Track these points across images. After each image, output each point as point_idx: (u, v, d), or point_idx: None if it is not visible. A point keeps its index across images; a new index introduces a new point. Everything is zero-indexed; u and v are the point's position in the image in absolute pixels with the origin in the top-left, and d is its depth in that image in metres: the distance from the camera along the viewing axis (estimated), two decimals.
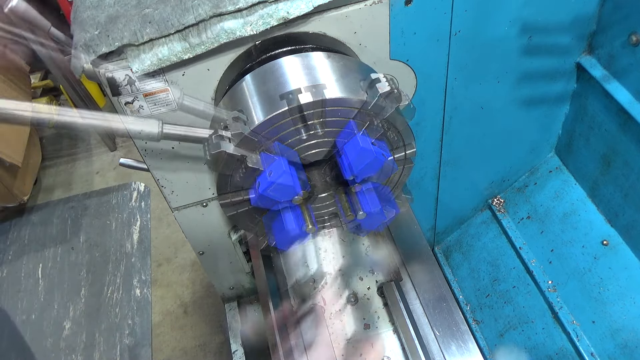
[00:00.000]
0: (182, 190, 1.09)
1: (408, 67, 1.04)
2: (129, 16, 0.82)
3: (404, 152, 0.85)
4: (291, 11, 0.82)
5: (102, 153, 3.27)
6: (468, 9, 0.99)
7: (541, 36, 1.13)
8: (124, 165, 1.15)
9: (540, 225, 1.47)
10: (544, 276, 1.40)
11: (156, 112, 0.93)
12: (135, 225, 1.59)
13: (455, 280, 1.66)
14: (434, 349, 0.98)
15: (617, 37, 1.15)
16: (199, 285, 2.50)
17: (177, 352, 2.27)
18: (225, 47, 0.85)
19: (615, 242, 1.32)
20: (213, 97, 0.94)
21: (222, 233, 1.25)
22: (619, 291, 1.26)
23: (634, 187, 1.24)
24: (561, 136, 1.45)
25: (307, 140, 0.79)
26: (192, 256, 2.54)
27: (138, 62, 0.83)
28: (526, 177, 1.55)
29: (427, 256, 1.11)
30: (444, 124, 1.24)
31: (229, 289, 1.46)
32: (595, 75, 1.21)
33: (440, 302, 1.03)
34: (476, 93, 1.19)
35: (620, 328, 1.23)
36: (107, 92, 0.89)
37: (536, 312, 1.40)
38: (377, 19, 0.92)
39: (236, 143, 0.74)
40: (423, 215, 1.56)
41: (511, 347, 1.44)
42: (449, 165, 1.38)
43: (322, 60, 0.81)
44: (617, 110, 1.20)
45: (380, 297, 1.21)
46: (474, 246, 1.63)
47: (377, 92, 0.73)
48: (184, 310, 2.41)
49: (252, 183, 0.78)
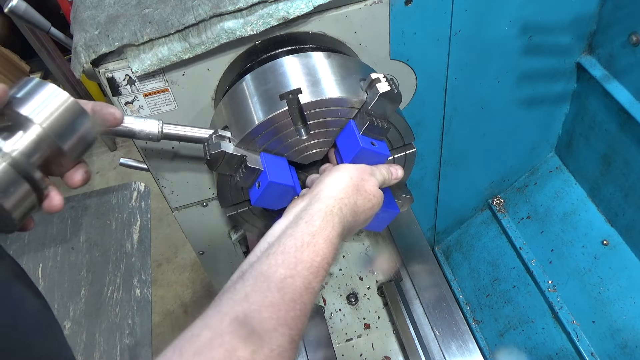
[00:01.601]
0: (182, 190, 1.09)
1: (408, 67, 1.04)
2: (129, 16, 0.82)
3: (404, 153, 0.85)
4: (291, 11, 0.82)
5: (102, 153, 3.27)
6: (468, 9, 0.99)
7: (541, 36, 1.13)
8: (124, 165, 1.15)
9: (540, 225, 1.47)
10: (544, 276, 1.40)
11: (156, 112, 0.93)
12: (135, 225, 1.59)
13: (455, 280, 1.66)
14: (434, 349, 0.98)
15: (617, 37, 1.15)
16: (199, 285, 2.50)
17: None
18: (225, 47, 0.85)
19: (615, 242, 1.32)
20: (213, 97, 0.94)
21: (222, 233, 1.25)
22: (619, 291, 1.26)
23: (634, 187, 1.24)
24: (561, 136, 1.45)
25: (307, 140, 0.79)
26: (192, 256, 2.54)
27: (138, 62, 0.83)
28: (526, 177, 1.55)
29: (427, 256, 1.11)
30: (444, 124, 1.24)
31: None
32: (595, 75, 1.21)
33: (440, 302, 1.03)
34: (476, 93, 1.19)
35: (620, 328, 1.23)
36: (107, 92, 0.89)
37: (536, 312, 1.40)
38: (377, 19, 0.92)
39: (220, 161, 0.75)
40: (423, 215, 1.56)
41: (511, 347, 1.44)
42: (449, 165, 1.38)
43: (322, 60, 0.81)
44: (617, 110, 1.20)
45: (380, 297, 1.21)
46: (474, 246, 1.63)
47: (377, 92, 0.73)
48: (184, 310, 2.41)
49: (252, 183, 0.78)
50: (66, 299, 1.43)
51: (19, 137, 0.55)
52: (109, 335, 1.34)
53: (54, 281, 1.47)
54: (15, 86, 0.57)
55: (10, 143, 0.54)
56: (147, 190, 1.69)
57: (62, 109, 0.58)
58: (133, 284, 1.44)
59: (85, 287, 1.45)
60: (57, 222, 1.64)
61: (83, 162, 0.63)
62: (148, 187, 1.71)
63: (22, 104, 0.55)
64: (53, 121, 0.57)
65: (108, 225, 1.60)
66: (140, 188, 1.69)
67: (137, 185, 1.70)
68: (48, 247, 1.57)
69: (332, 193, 0.67)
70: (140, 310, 1.38)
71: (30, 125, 0.55)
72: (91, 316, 1.38)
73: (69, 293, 1.44)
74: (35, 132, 0.56)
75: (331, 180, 0.70)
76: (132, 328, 1.35)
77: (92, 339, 1.34)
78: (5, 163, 0.53)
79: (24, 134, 0.55)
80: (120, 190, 1.69)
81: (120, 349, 1.31)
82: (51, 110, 0.57)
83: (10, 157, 0.53)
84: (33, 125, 0.55)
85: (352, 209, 0.68)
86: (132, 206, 1.64)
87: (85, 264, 1.51)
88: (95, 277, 1.47)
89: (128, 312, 1.38)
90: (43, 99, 0.57)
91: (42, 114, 0.56)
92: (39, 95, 0.57)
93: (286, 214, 0.70)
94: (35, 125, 0.55)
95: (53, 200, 0.59)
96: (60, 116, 0.57)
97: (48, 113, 0.56)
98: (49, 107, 0.57)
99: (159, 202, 2.56)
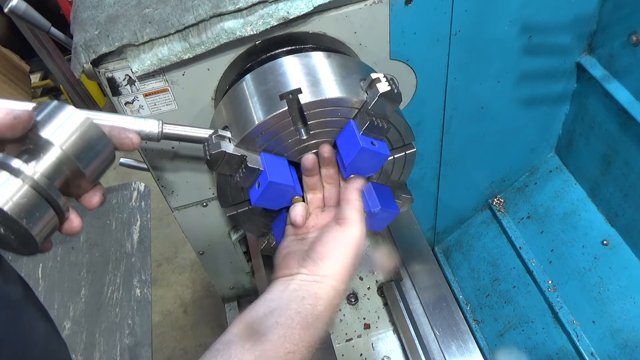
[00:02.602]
0: (182, 190, 1.09)
1: (408, 67, 1.04)
2: (129, 16, 0.82)
3: (404, 153, 0.85)
4: (291, 11, 0.82)
5: None
6: (468, 9, 0.99)
7: (541, 36, 1.13)
8: (124, 165, 1.15)
9: (540, 225, 1.47)
10: (544, 276, 1.40)
11: (156, 112, 0.93)
12: (135, 225, 1.59)
13: (455, 280, 1.66)
14: (434, 349, 0.98)
15: (617, 37, 1.15)
16: (199, 285, 2.50)
17: (177, 352, 2.27)
18: (225, 47, 0.85)
19: (616, 242, 1.32)
20: (213, 97, 0.94)
21: (222, 233, 1.25)
22: (619, 291, 1.26)
23: (634, 187, 1.24)
24: (561, 136, 1.45)
25: (307, 140, 0.79)
26: (192, 256, 2.54)
27: (138, 62, 0.83)
28: (526, 177, 1.55)
29: (427, 256, 1.11)
30: (444, 124, 1.24)
31: (229, 289, 1.46)
32: (595, 75, 1.21)
33: (440, 302, 1.03)
34: (476, 93, 1.19)
35: (620, 328, 1.23)
36: (107, 92, 0.89)
37: (536, 312, 1.40)
38: (377, 19, 0.92)
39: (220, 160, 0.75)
40: (423, 215, 1.56)
41: (511, 347, 1.44)
42: (449, 165, 1.38)
43: (322, 60, 0.81)
44: (617, 110, 1.20)
45: (380, 297, 1.21)
46: (474, 246, 1.63)
47: (377, 92, 0.73)
48: (184, 310, 2.42)
49: (252, 183, 0.78)
50: (66, 299, 1.43)
51: (40, 159, 0.56)
52: (109, 335, 1.34)
53: (54, 281, 1.47)
54: (36, 110, 0.58)
55: (31, 165, 0.54)
56: (147, 190, 1.69)
57: (81, 131, 0.58)
58: (133, 284, 1.44)
59: (85, 287, 1.45)
60: None
61: (99, 185, 0.64)
62: (148, 187, 1.71)
63: (42, 127, 0.56)
64: (73, 143, 0.57)
65: (108, 225, 1.60)
66: (140, 188, 1.69)
67: (137, 185, 1.70)
68: None
69: (338, 285, 0.71)
70: (140, 310, 1.38)
71: (50, 147, 0.56)
72: (91, 316, 1.38)
73: (69, 293, 1.44)
74: (56, 154, 0.56)
75: (338, 262, 0.72)
76: (132, 328, 1.35)
77: (92, 339, 1.34)
78: (28, 185, 0.53)
79: (44, 156, 0.56)
80: (120, 190, 1.69)
81: (120, 349, 1.31)
82: (70, 132, 0.57)
83: (32, 180, 0.54)
84: (53, 147, 0.56)
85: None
86: (132, 206, 1.64)
87: (85, 264, 1.51)
88: (95, 277, 1.47)
89: (128, 312, 1.38)
90: (62, 121, 0.57)
91: (62, 136, 0.57)
92: (58, 117, 0.57)
93: (289, 274, 0.73)
94: (55, 147, 0.56)
95: (73, 223, 0.60)
96: (79, 138, 0.58)
97: (67, 135, 0.57)
98: (68, 129, 0.57)
99: (159, 202, 2.56)
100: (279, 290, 0.71)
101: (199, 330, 2.33)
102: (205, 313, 2.38)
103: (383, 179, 0.88)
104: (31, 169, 0.54)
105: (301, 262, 0.72)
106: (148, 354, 1.30)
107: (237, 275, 1.41)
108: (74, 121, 0.58)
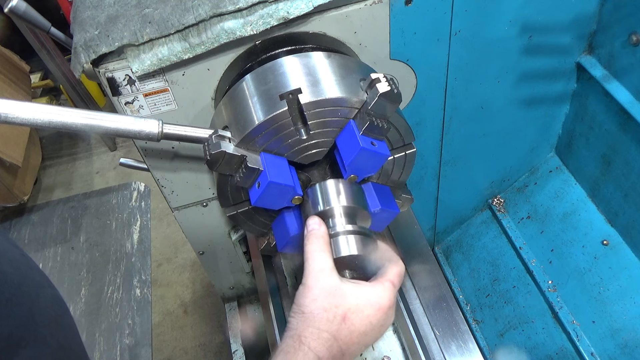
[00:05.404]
0: (182, 190, 1.09)
1: (408, 67, 1.04)
2: (129, 16, 0.82)
3: (404, 153, 0.85)
4: (291, 11, 0.82)
5: (102, 153, 3.27)
6: (468, 9, 0.99)
7: (541, 36, 1.13)
8: (124, 165, 1.15)
9: (540, 225, 1.47)
10: (544, 276, 1.40)
11: (156, 112, 0.93)
12: (135, 225, 1.59)
13: (455, 280, 1.66)
14: (434, 349, 0.98)
15: (617, 37, 1.15)
16: (199, 285, 2.50)
17: (177, 352, 2.27)
18: (225, 47, 0.85)
19: (615, 242, 1.32)
20: (213, 97, 0.94)
21: (222, 233, 1.25)
22: (619, 291, 1.26)
23: (634, 187, 1.24)
24: (561, 136, 1.45)
25: (307, 140, 0.79)
26: (192, 256, 2.54)
27: (138, 62, 0.83)
28: (526, 177, 1.55)
29: (427, 256, 1.11)
30: (444, 124, 1.24)
31: (229, 288, 1.46)
32: (595, 75, 1.21)
33: (440, 302, 1.03)
34: (476, 93, 1.19)
35: (620, 328, 1.23)
36: (107, 92, 0.89)
37: (536, 312, 1.40)
38: (377, 19, 0.92)
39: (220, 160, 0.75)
40: (423, 215, 1.56)
41: (511, 347, 1.44)
42: (449, 165, 1.38)
43: (322, 60, 0.81)
44: (617, 110, 1.20)
45: None
46: (474, 246, 1.63)
47: (377, 92, 0.73)
48: (184, 310, 2.42)
49: (252, 183, 0.78)
50: (66, 299, 1.42)
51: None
52: (109, 335, 1.34)
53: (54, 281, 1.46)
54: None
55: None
56: (147, 190, 1.69)
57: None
58: (133, 284, 1.44)
59: (85, 287, 1.46)
60: (57, 222, 1.64)
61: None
62: (148, 187, 1.71)
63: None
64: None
65: (108, 225, 1.60)
66: (140, 188, 1.69)
67: (137, 185, 1.70)
68: (48, 247, 1.57)
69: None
70: (140, 310, 1.38)
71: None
72: (91, 316, 1.39)
73: (69, 293, 1.44)
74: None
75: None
76: (132, 328, 1.35)
77: (92, 339, 1.34)
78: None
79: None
80: (120, 190, 1.69)
81: (120, 349, 1.31)
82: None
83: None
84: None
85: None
86: (132, 206, 1.64)
87: (85, 264, 1.51)
88: (95, 277, 1.47)
89: (128, 312, 1.38)
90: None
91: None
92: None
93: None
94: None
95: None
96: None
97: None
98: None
99: (159, 202, 2.56)
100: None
101: (199, 330, 2.33)
102: (205, 313, 2.38)
103: (383, 179, 0.88)
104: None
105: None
106: (148, 354, 1.30)
107: (237, 275, 1.42)
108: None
